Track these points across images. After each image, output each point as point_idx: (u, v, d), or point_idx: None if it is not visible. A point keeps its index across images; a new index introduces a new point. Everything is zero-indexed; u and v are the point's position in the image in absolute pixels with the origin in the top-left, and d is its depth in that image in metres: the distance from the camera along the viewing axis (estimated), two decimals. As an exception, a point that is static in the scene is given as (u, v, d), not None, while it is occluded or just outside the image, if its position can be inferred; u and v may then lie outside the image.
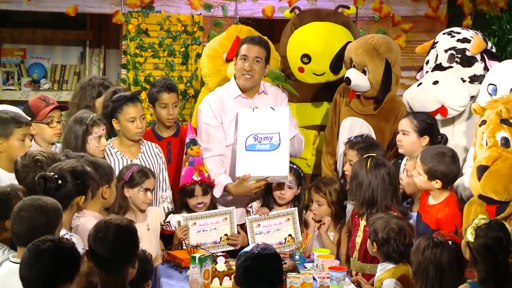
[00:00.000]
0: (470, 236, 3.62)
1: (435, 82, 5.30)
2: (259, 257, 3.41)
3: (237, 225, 5.11)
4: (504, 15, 8.06)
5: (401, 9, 7.16)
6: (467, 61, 5.37)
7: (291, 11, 6.23)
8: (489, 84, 4.90)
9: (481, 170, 4.01)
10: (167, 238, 5.05)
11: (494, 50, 5.59)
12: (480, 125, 4.23)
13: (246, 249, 3.49)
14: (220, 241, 4.99)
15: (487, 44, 5.45)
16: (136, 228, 3.43)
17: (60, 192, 3.92)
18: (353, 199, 4.83)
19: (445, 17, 7.18)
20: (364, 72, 5.36)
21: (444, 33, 5.66)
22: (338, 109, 5.58)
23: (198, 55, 6.84)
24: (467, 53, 5.36)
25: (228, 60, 5.88)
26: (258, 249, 3.44)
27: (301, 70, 5.95)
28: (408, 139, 4.99)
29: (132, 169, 4.87)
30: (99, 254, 3.29)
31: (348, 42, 5.58)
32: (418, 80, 5.50)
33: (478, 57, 5.41)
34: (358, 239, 4.61)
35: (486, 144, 4.14)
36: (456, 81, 5.31)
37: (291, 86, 5.80)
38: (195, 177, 5.02)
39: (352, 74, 5.36)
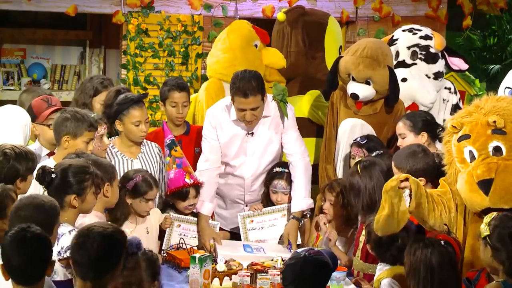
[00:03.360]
0: (485, 231, 3.62)
1: (404, 80, 5.32)
2: (305, 260, 3.39)
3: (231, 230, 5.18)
4: (504, 15, 8.09)
5: (401, 9, 7.17)
6: (432, 58, 5.42)
7: (286, 13, 6.24)
8: (506, 88, 4.85)
9: (486, 184, 3.90)
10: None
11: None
12: (459, 140, 4.05)
13: (299, 250, 3.51)
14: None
15: None
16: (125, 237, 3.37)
17: (52, 187, 3.94)
18: (356, 211, 4.73)
19: (445, 17, 7.19)
20: (366, 82, 5.32)
21: (403, 30, 5.72)
22: (335, 111, 5.55)
23: (198, 55, 6.85)
24: (431, 50, 5.39)
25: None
26: (307, 253, 3.42)
27: None
28: (407, 141, 4.93)
29: (137, 178, 4.81)
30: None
31: (339, 57, 5.52)
32: None
33: (439, 54, 5.47)
34: (362, 238, 4.60)
35: (472, 158, 4.00)
36: (423, 77, 5.35)
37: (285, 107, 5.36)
38: (188, 180, 5.00)
39: (357, 88, 5.29)
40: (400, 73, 5.34)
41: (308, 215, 5.28)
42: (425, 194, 4.05)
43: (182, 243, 4.88)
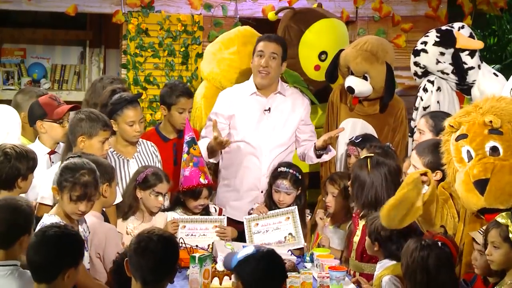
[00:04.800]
0: None
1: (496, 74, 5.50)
2: (255, 256, 3.51)
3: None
4: (504, 15, 8.07)
5: (401, 9, 7.16)
6: None
7: (276, 13, 6.22)
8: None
9: (482, 184, 3.90)
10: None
11: None
12: (457, 140, 4.04)
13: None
14: (208, 248, 4.96)
15: None
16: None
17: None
18: (354, 202, 4.76)
19: (445, 17, 7.18)
20: (364, 77, 5.33)
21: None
22: (335, 111, 5.56)
23: (198, 55, 6.85)
24: None
25: None
26: (257, 249, 3.53)
27: (317, 68, 5.90)
28: (423, 138, 4.90)
29: (147, 171, 4.90)
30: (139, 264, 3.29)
31: (341, 50, 5.53)
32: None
33: None
34: (356, 239, 4.60)
35: (469, 157, 3.99)
36: None
37: (309, 91, 5.65)
38: (202, 180, 5.03)
39: (354, 82, 5.33)
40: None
41: (308, 216, 5.29)
42: (437, 195, 4.06)
43: (181, 242, 4.88)
